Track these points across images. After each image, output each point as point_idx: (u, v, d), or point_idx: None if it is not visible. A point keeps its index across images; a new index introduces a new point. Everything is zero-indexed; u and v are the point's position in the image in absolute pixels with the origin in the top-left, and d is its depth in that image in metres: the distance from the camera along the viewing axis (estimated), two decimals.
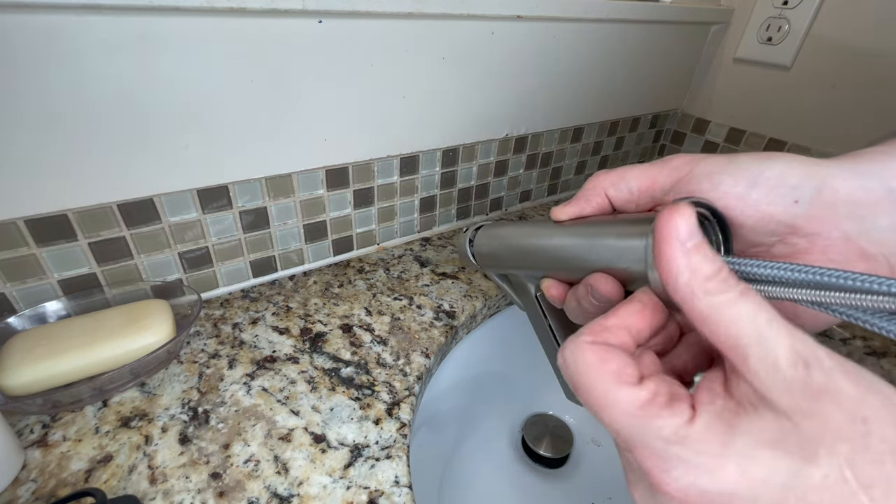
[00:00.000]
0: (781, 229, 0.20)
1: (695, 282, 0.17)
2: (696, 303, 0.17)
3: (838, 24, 0.62)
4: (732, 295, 0.16)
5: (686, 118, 0.83)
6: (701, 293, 0.17)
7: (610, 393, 0.17)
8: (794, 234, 0.20)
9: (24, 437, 0.33)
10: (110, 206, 0.38)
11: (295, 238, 0.50)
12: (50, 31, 0.31)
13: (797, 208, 0.19)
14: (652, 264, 0.20)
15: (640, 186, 0.24)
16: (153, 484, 0.30)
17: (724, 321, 0.16)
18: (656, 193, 0.24)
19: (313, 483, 0.31)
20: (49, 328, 0.36)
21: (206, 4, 0.33)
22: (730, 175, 0.21)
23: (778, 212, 0.20)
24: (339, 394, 0.38)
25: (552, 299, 0.29)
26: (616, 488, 0.55)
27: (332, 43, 0.41)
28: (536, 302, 0.34)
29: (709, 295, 0.16)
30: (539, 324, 0.35)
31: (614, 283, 0.23)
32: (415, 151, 0.53)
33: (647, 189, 0.24)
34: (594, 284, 0.23)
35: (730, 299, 0.16)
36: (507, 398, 0.60)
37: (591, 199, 0.26)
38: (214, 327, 0.43)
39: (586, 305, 0.24)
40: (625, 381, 0.17)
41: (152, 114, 0.36)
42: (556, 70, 0.59)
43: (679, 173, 0.22)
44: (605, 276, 0.23)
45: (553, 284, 0.28)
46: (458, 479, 0.53)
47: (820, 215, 0.19)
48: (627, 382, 0.17)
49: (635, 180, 0.24)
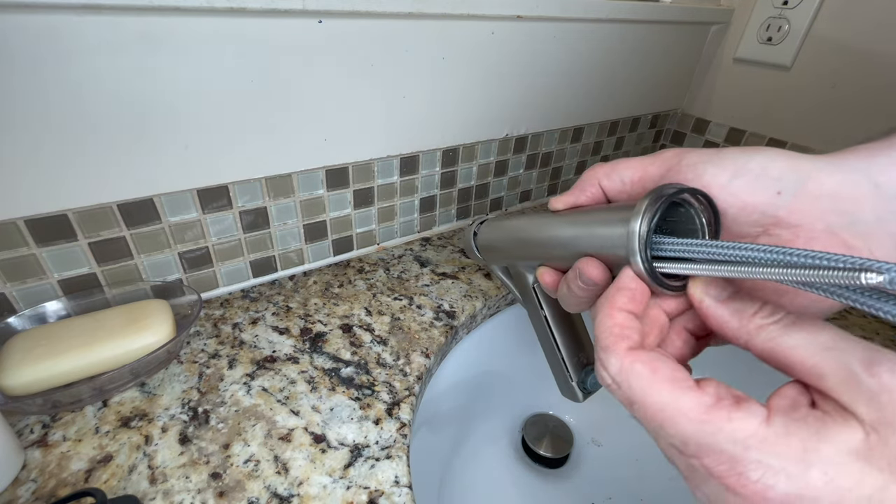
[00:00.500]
0: (765, 220, 0.21)
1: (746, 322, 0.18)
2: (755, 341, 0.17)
3: (838, 24, 0.62)
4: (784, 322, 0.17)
5: (686, 118, 0.83)
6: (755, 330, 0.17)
7: (672, 403, 0.17)
8: (778, 225, 0.20)
9: (24, 437, 0.33)
10: (110, 206, 0.38)
11: (295, 238, 0.50)
12: (50, 31, 0.31)
13: (780, 199, 0.20)
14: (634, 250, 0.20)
15: (631, 177, 0.25)
16: (153, 484, 0.30)
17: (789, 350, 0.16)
18: (647, 184, 0.24)
19: (313, 483, 0.31)
20: (49, 328, 0.36)
21: (206, 4, 0.33)
22: (714, 165, 0.21)
23: (760, 202, 0.20)
24: (339, 394, 0.38)
25: (546, 286, 0.29)
26: (616, 488, 0.55)
27: (332, 43, 0.41)
28: (533, 292, 0.34)
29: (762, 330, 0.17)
30: (535, 315, 0.35)
31: (601, 266, 0.24)
32: (415, 151, 0.53)
33: (639, 180, 0.25)
34: (582, 268, 0.24)
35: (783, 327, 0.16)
36: (507, 398, 0.60)
37: (585, 190, 0.27)
38: (214, 327, 0.43)
39: (575, 289, 0.25)
40: (685, 387, 0.17)
41: (152, 114, 0.36)
42: (556, 70, 0.59)
43: (668, 164, 0.23)
44: (592, 260, 0.24)
45: (547, 271, 0.29)
46: (458, 479, 0.53)
47: (804, 208, 0.20)
48: (688, 387, 0.17)
49: (627, 171, 0.25)
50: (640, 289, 0.21)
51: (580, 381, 0.34)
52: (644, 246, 0.21)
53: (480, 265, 0.55)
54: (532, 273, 0.34)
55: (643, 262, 0.21)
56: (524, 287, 0.35)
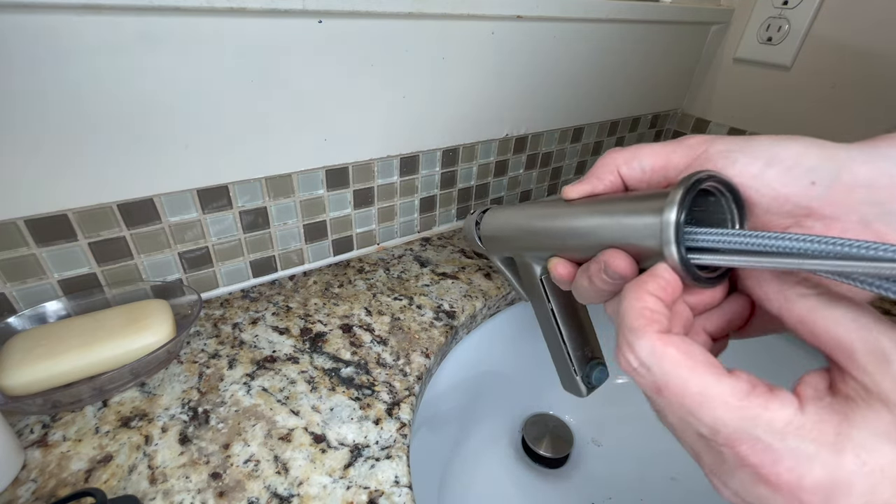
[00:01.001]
0: (797, 211, 0.20)
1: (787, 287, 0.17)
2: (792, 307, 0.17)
3: (838, 24, 0.62)
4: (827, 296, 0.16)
5: (686, 118, 0.83)
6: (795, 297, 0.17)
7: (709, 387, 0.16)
8: (810, 216, 0.20)
9: (24, 437, 0.33)
10: (110, 206, 0.38)
11: (295, 238, 0.50)
12: (49, 31, 0.31)
13: (814, 190, 0.19)
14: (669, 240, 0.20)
15: (653, 165, 0.24)
16: (153, 484, 0.30)
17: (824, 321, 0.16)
18: (670, 173, 0.23)
19: (313, 483, 0.31)
20: (49, 328, 0.36)
21: (206, 4, 0.33)
22: (746, 154, 0.21)
23: (794, 193, 0.20)
24: (339, 394, 0.38)
25: (559, 278, 0.28)
26: (616, 488, 0.55)
27: (332, 43, 0.41)
28: (540, 283, 0.33)
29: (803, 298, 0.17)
30: (541, 308, 0.34)
31: (629, 259, 0.22)
32: (415, 151, 0.53)
33: (661, 168, 0.24)
34: (608, 261, 0.23)
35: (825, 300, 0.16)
36: (507, 398, 0.60)
37: (603, 178, 0.26)
38: (214, 327, 0.43)
39: (598, 283, 0.24)
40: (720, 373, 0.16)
41: (152, 114, 0.36)
42: (556, 70, 0.59)
43: (694, 152, 0.22)
44: (619, 252, 0.23)
45: (560, 263, 0.27)
46: (458, 479, 0.53)
47: (838, 199, 0.19)
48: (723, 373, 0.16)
49: (648, 159, 0.24)
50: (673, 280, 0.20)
51: (585, 376, 0.33)
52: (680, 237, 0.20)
53: (482, 254, 0.55)
54: (540, 264, 0.33)
55: (678, 253, 0.20)
56: (530, 278, 0.34)
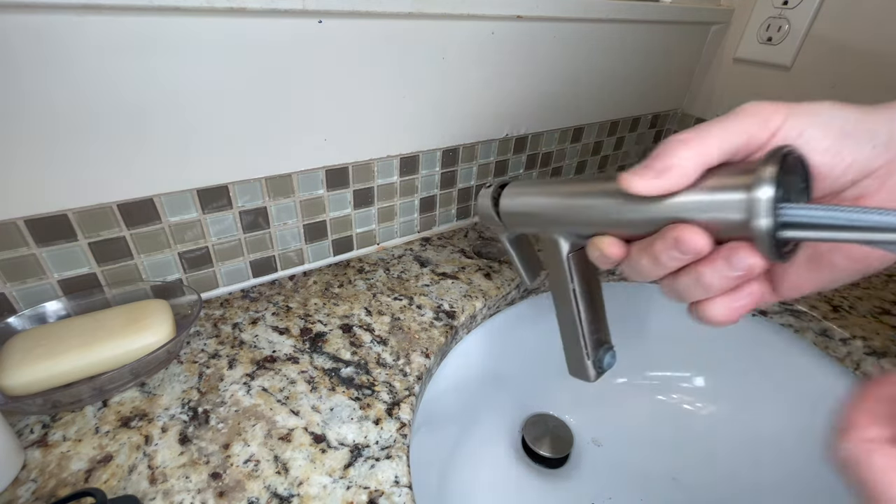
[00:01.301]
0: (858, 176, 0.21)
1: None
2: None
3: (838, 24, 0.62)
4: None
5: (686, 118, 0.83)
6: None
7: None
8: (868, 176, 0.21)
9: (24, 437, 0.33)
10: (110, 206, 0.38)
11: (295, 238, 0.50)
12: (50, 31, 0.31)
13: (874, 153, 0.20)
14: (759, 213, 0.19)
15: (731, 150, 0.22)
16: (153, 484, 0.30)
17: None
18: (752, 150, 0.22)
19: (313, 483, 0.31)
20: (49, 328, 0.36)
21: (206, 4, 0.33)
22: (818, 128, 0.21)
23: (860, 159, 0.20)
24: (339, 394, 0.38)
25: (610, 258, 0.27)
26: (616, 488, 0.55)
27: (332, 43, 0.41)
28: (566, 262, 0.32)
29: None
30: (562, 287, 0.33)
31: (704, 234, 0.21)
32: (415, 151, 0.53)
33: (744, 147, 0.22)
34: (681, 237, 0.22)
35: None
36: (507, 398, 0.60)
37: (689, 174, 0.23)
38: (214, 327, 0.43)
39: (666, 261, 0.23)
40: None
41: (152, 114, 0.36)
42: (556, 70, 0.59)
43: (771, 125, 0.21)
44: (693, 227, 0.22)
45: (613, 242, 0.26)
46: (458, 479, 0.53)
47: (892, 156, 0.20)
48: None
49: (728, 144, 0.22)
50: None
51: (597, 360, 0.33)
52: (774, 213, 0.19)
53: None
54: (569, 241, 0.31)
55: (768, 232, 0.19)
56: (555, 256, 0.32)
